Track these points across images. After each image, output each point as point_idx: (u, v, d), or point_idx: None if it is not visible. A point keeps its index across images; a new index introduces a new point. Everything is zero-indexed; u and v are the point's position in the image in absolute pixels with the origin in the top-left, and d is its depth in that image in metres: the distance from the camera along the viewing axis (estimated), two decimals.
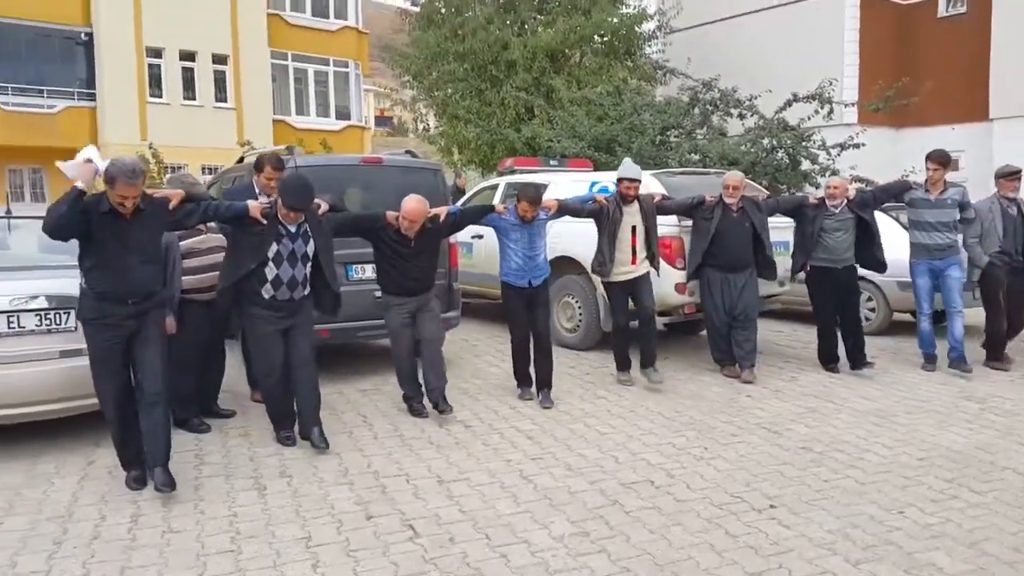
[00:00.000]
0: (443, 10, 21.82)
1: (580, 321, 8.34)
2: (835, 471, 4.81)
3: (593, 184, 8.09)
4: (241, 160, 8.04)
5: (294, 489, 4.52)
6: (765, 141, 13.53)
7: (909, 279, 7.53)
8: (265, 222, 4.99)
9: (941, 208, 7.16)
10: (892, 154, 18.37)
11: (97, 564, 3.62)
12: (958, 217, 7.23)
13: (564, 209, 6.54)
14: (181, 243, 5.50)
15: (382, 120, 52.43)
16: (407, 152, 7.96)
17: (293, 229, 5.07)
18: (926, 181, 7.26)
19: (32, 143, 21.10)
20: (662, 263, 7.13)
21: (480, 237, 8.87)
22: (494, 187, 9.87)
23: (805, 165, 13.55)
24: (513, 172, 10.53)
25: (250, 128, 23.12)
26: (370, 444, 5.33)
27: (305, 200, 5.02)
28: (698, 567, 3.61)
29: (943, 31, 21.54)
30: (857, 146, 13.54)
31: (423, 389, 6.05)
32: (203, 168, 20.50)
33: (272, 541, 3.85)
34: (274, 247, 5.01)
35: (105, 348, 4.37)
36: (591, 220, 6.79)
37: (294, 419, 5.33)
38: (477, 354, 8.27)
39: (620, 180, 6.72)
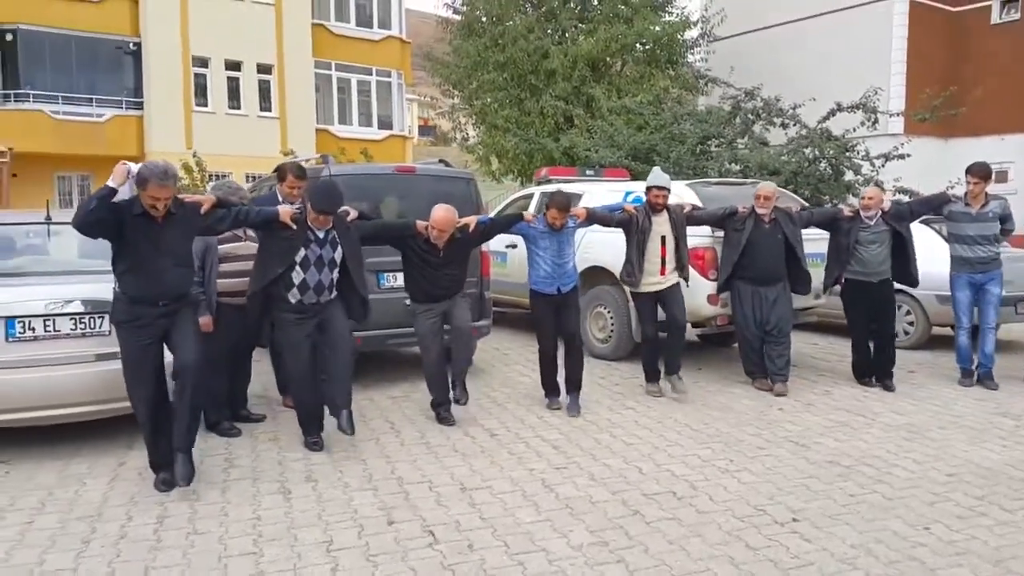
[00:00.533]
0: (484, 19, 21.91)
1: (612, 331, 8.31)
2: (862, 485, 4.74)
3: (627, 194, 8.06)
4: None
5: (318, 494, 4.57)
6: (807, 151, 13.32)
7: (948, 292, 7.39)
8: (295, 227, 5.06)
9: (983, 222, 7.03)
10: (940, 164, 17.98)
11: (122, 564, 3.70)
12: (999, 229, 7.10)
13: (593, 218, 6.49)
14: (219, 247, 5.60)
15: (425, 129, 52.85)
16: (440, 161, 8.05)
17: (321, 235, 5.14)
18: (966, 195, 7.14)
19: (81, 151, 21.69)
20: (695, 274, 7.10)
21: (514, 246, 8.89)
22: (529, 196, 9.89)
23: (848, 176, 13.32)
24: (548, 182, 10.54)
25: (293, 137, 23.49)
26: (396, 450, 5.37)
27: (334, 204, 5.09)
28: None
29: (996, 38, 21.10)
30: (902, 156, 13.29)
31: (451, 395, 6.10)
32: (247, 176, 20.86)
33: (294, 544, 3.90)
34: (302, 252, 5.08)
35: (138, 350, 4.48)
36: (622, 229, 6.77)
37: (322, 425, 5.41)
38: (507, 363, 8.30)
39: (649, 189, 6.70)
